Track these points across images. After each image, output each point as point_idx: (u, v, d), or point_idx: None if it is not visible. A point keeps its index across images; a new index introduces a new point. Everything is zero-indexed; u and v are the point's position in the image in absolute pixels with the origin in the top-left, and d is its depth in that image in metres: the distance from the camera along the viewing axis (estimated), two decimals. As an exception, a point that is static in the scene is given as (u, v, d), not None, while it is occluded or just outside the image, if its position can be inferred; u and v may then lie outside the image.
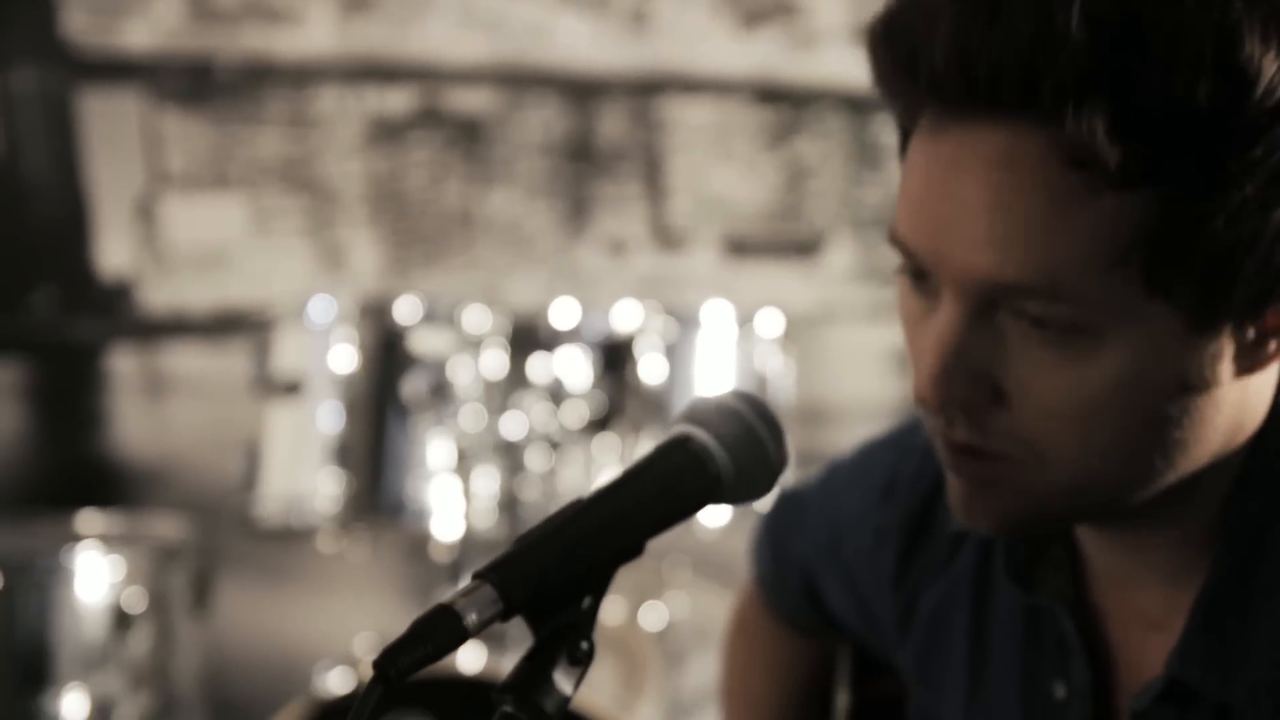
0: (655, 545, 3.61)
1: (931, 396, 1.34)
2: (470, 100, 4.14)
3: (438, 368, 3.04)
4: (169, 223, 4.18)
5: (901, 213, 1.35)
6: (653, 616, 3.31)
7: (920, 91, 1.32)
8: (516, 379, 3.05)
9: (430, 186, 4.15)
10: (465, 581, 2.84)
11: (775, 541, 1.86)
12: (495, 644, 3.05)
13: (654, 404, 3.05)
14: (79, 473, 4.21)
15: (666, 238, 4.12)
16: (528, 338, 3.07)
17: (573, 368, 3.05)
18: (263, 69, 4.15)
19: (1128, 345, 1.30)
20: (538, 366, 3.06)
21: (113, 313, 4.21)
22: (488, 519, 3.07)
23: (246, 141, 4.16)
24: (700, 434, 1.36)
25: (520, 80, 4.13)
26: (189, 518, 3.41)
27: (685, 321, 3.10)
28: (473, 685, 2.94)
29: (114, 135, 4.18)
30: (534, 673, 1.28)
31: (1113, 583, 1.48)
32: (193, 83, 4.16)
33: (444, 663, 2.88)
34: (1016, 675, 1.55)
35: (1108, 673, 1.50)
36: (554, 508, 3.00)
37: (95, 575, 3.15)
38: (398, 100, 4.15)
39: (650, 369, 3.07)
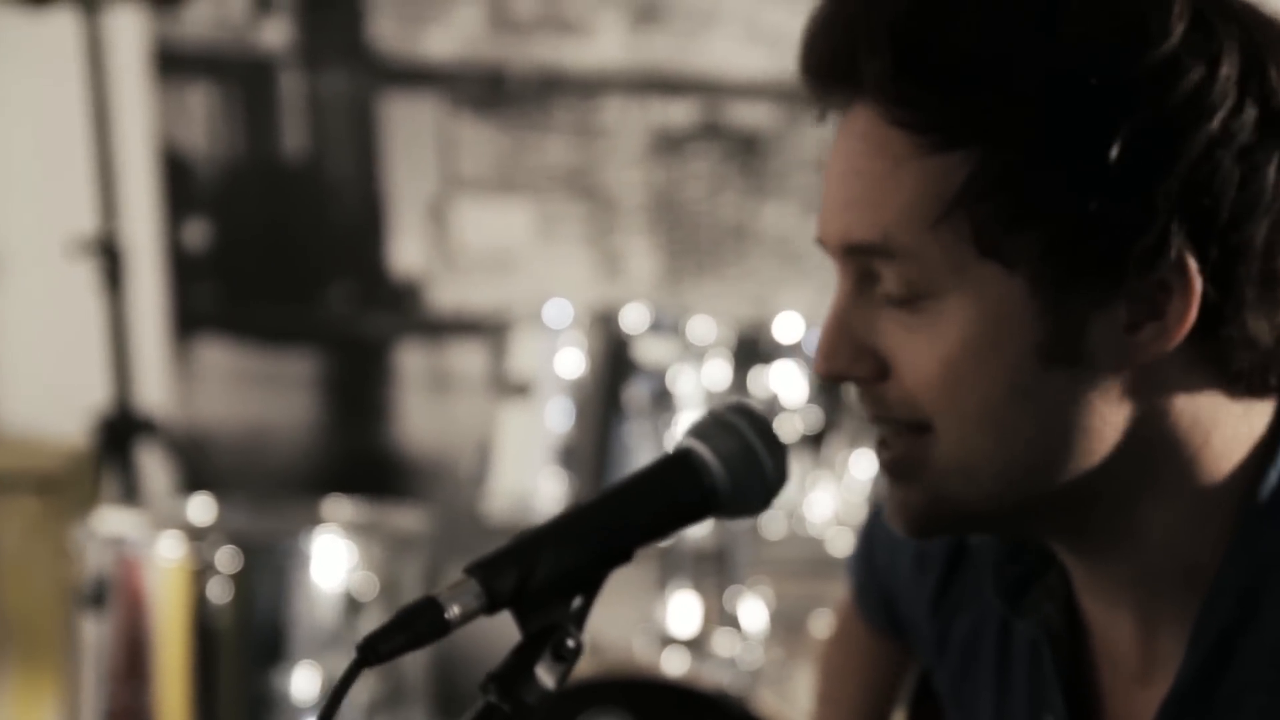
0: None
1: (822, 368, 1.41)
2: (749, 115, 4.19)
3: (660, 376, 3.10)
4: (459, 225, 4.33)
5: None
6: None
7: (808, 91, 1.41)
8: (737, 390, 3.09)
9: (707, 198, 4.21)
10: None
11: (865, 549, 1.88)
12: (699, 651, 3.10)
13: (868, 421, 3.05)
14: (363, 462, 4.38)
15: (936, 257, 4.11)
16: (751, 350, 3.10)
17: (790, 382, 3.07)
18: (553, 79, 4.27)
19: (970, 306, 1.33)
20: (758, 379, 3.09)
21: (402, 310, 4.37)
22: (701, 526, 3.11)
23: (534, 148, 4.28)
24: (700, 448, 1.40)
25: (799, 96, 4.14)
26: (429, 510, 3.52)
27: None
28: (674, 689, 2.99)
29: (411, 139, 4.34)
30: (518, 667, 1.33)
31: (1094, 623, 1.47)
32: (487, 91, 4.30)
33: (648, 665, 2.93)
34: (1027, 702, 1.55)
35: (1096, 716, 1.48)
36: (768, 519, 3.04)
37: (332, 560, 3.29)
38: (680, 113, 4.22)
39: (867, 387, 3.06)
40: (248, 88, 4.42)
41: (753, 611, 3.16)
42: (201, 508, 3.61)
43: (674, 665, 3.00)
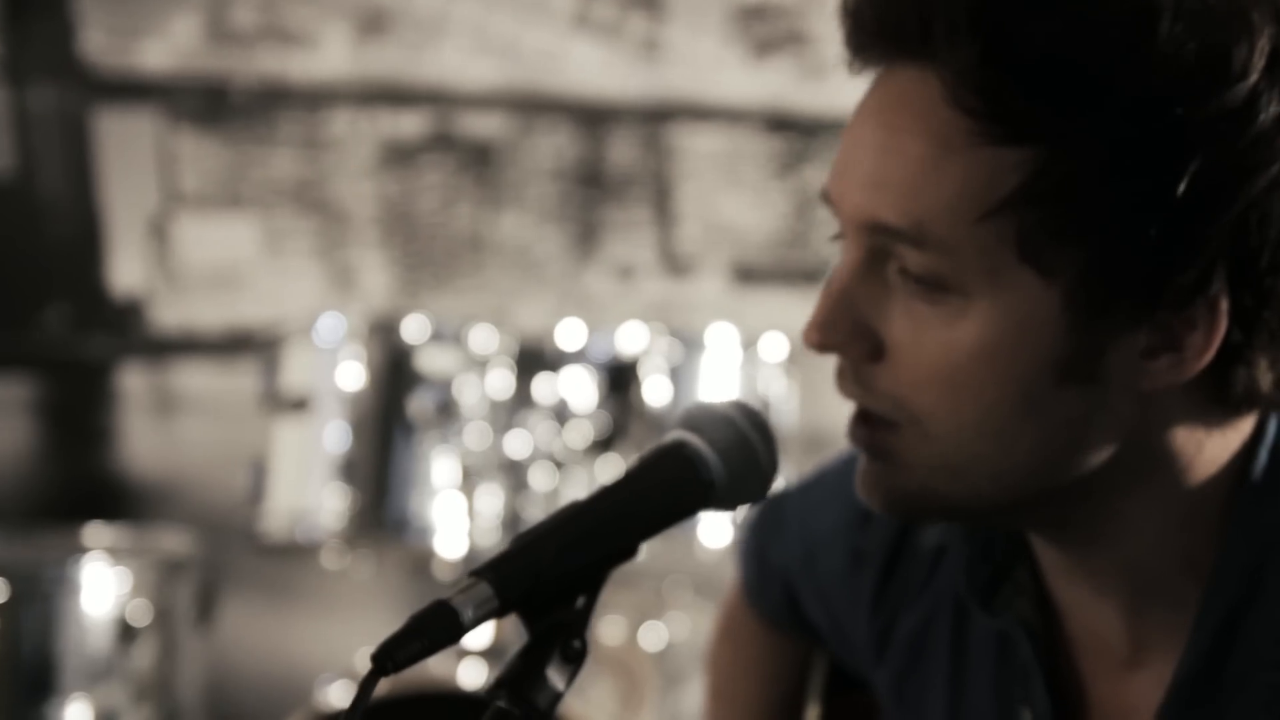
0: (656, 566, 3.64)
1: (814, 337, 1.36)
2: (482, 125, 4.17)
3: (444, 387, 3.07)
4: (181, 242, 4.21)
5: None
6: (653, 637, 3.32)
7: (849, 41, 1.34)
8: (522, 399, 3.08)
9: (441, 210, 4.18)
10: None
11: (758, 545, 1.86)
12: (495, 661, 3.07)
13: (657, 425, 3.08)
14: (87, 488, 4.23)
15: (674, 264, 4.15)
16: (534, 358, 3.09)
17: (578, 388, 3.08)
18: (277, 91, 4.18)
19: (995, 311, 1.30)
20: (543, 387, 3.09)
21: (124, 330, 4.23)
22: (491, 537, 3.09)
23: (260, 162, 4.19)
24: (694, 440, 1.38)
25: (532, 106, 4.16)
26: (195, 533, 3.43)
27: (690, 344, 3.13)
28: (474, 701, 2.96)
29: (129, 155, 4.21)
30: (528, 669, 1.31)
31: (1073, 611, 1.47)
32: (208, 104, 4.19)
33: (444, 679, 2.89)
34: (991, 697, 1.54)
35: (1078, 703, 1.48)
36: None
37: (101, 588, 3.17)
38: (410, 124, 4.18)
39: (654, 391, 3.09)
40: (-50, 104, 4.24)
41: (545, 619, 3.14)
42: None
43: (471, 677, 2.97)
